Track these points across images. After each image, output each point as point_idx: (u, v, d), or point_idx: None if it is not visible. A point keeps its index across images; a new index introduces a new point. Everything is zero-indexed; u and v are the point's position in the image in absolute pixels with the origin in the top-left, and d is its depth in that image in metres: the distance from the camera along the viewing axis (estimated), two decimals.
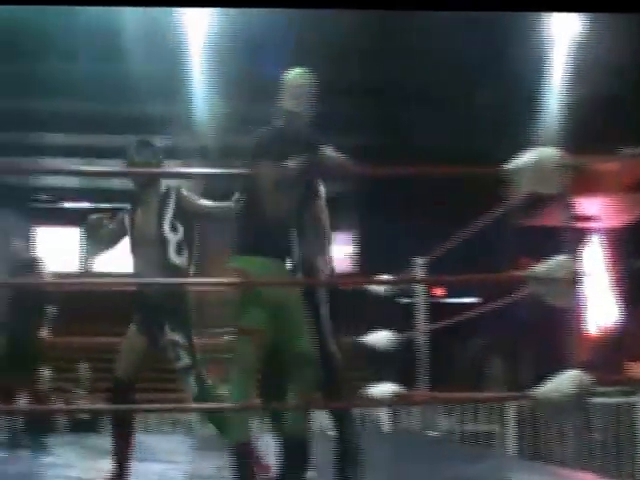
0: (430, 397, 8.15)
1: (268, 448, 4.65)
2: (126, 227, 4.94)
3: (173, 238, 4.85)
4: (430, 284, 10.25)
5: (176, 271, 4.81)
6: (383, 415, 9.48)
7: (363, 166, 4.71)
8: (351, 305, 14.78)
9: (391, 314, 9.97)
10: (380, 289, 7.51)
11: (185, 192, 4.96)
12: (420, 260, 7.99)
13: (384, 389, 7.74)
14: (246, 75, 13.82)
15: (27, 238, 17.25)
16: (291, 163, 4.20)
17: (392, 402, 7.77)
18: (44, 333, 6.55)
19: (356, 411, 4.96)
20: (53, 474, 5.26)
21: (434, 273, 7.95)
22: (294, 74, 4.58)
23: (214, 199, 4.95)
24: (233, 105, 15.21)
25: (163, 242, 4.83)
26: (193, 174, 9.80)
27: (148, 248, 4.84)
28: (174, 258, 4.83)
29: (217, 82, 13.86)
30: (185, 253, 4.89)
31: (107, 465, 4.73)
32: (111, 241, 5.02)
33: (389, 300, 7.88)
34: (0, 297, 5.05)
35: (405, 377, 8.79)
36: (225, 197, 4.75)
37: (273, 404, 4.53)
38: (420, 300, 8.30)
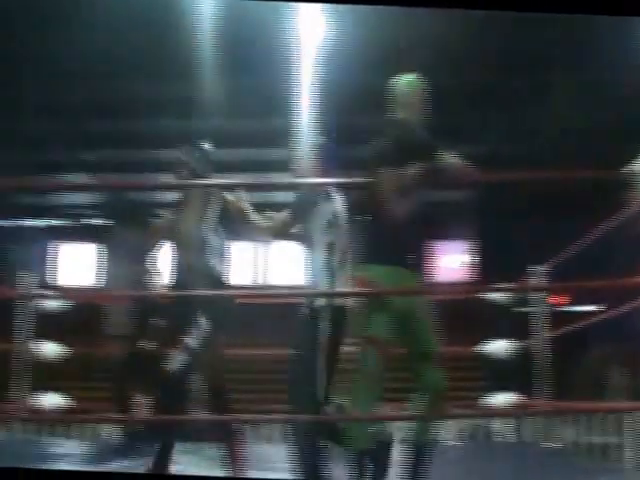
0: (549, 407, 7.99)
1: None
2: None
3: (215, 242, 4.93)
4: (549, 292, 10.06)
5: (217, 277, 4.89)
6: (501, 426, 9.34)
7: (482, 172, 4.65)
8: (470, 314, 14.72)
9: (510, 323, 9.83)
10: (499, 298, 7.42)
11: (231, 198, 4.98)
12: (539, 268, 7.86)
13: (502, 399, 7.65)
14: (360, 83, 13.86)
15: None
16: (412, 171, 4.19)
17: (510, 412, 7.66)
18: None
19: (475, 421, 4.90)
20: None
21: (553, 280, 7.82)
22: (406, 82, 4.55)
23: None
24: (347, 114, 15.28)
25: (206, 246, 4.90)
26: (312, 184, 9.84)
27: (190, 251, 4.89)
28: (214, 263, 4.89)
29: (331, 92, 13.91)
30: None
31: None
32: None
33: (508, 309, 7.77)
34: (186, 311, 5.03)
35: (524, 386, 8.66)
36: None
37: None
38: (539, 308, 8.16)
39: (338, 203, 4.88)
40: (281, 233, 5.00)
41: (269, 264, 20.70)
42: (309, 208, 4.83)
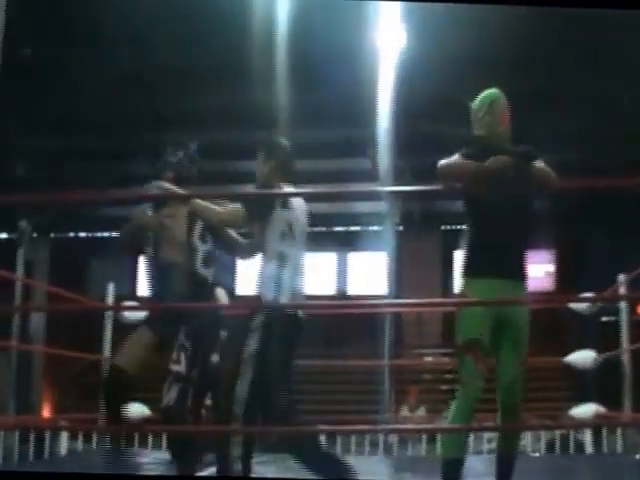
0: (634, 418, 7.83)
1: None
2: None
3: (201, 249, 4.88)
4: (635, 302, 9.85)
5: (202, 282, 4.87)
6: (586, 436, 9.17)
7: (569, 179, 4.58)
8: (554, 324, 14.48)
9: (595, 333, 9.67)
10: (583, 307, 7.30)
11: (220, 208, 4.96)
12: (624, 277, 7.71)
13: (587, 410, 7.52)
14: (441, 94, 13.82)
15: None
16: (508, 181, 4.18)
17: (595, 423, 7.54)
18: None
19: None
20: None
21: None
22: (489, 97, 4.52)
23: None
24: (427, 125, 15.25)
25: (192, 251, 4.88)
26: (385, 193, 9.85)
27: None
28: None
29: (411, 102, 13.88)
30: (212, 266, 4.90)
31: None
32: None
33: (593, 319, 7.64)
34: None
35: (609, 398, 8.49)
36: None
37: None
38: (625, 318, 7.99)
39: (297, 213, 4.93)
40: (230, 224, 5.05)
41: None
42: (265, 213, 4.83)
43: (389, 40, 12.80)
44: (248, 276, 5.07)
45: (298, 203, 5.01)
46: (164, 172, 5.18)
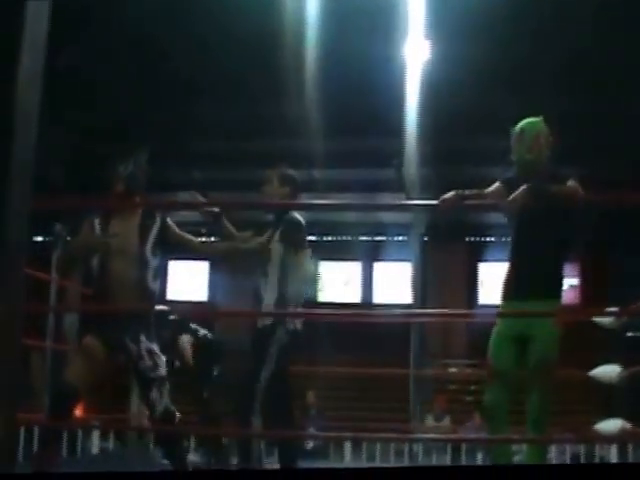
0: None
1: None
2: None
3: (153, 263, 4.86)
4: None
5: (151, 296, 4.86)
6: (611, 452, 9.20)
7: (595, 194, 4.66)
8: (580, 338, 14.47)
9: (620, 348, 9.70)
10: (609, 322, 7.33)
11: (170, 222, 5.02)
12: None
13: (612, 425, 7.54)
14: (469, 106, 13.89)
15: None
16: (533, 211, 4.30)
17: (620, 438, 7.56)
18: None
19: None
20: None
21: None
22: (522, 125, 4.63)
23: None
24: (454, 137, 15.31)
25: (144, 265, 4.84)
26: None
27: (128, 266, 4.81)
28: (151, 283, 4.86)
29: (438, 113, 13.95)
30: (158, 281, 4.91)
31: None
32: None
33: (618, 334, 7.68)
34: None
35: (634, 413, 8.51)
36: None
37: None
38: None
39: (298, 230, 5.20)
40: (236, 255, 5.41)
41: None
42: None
43: (416, 51, 12.89)
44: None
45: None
46: (116, 183, 5.06)
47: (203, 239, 4.97)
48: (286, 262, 5.20)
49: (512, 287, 4.53)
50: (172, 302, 15.80)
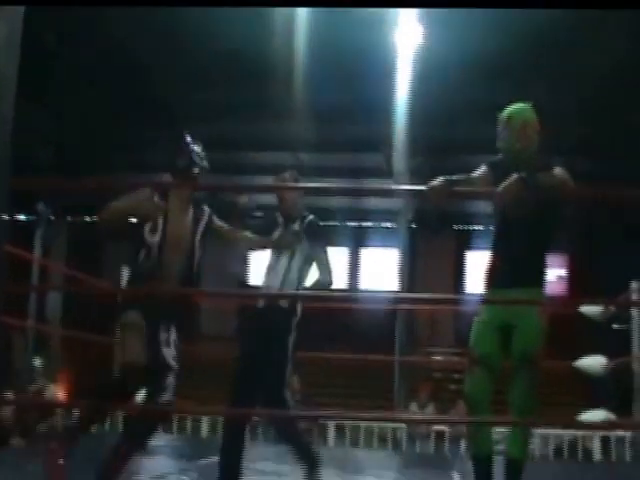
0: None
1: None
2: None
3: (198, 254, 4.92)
4: None
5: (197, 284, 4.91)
6: (595, 444, 9.20)
7: (583, 187, 4.62)
8: (566, 329, 14.45)
9: (606, 340, 9.69)
10: (595, 313, 7.32)
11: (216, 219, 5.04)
12: (637, 284, 7.74)
13: (596, 416, 7.55)
14: (458, 94, 13.87)
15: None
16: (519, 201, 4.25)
17: (603, 428, 7.57)
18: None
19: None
20: None
21: None
22: (510, 111, 4.54)
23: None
24: (443, 124, 15.29)
25: (192, 255, 4.88)
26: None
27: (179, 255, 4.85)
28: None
29: (427, 101, 13.92)
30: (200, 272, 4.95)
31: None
32: None
33: (604, 325, 7.67)
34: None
35: (618, 404, 8.52)
36: None
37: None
38: (636, 326, 8.01)
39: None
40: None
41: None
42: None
43: (407, 39, 12.86)
44: None
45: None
46: (174, 175, 5.00)
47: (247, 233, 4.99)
48: (309, 260, 5.34)
49: (496, 275, 4.46)
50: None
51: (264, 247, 5.42)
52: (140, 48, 13.09)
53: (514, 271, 4.38)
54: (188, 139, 5.02)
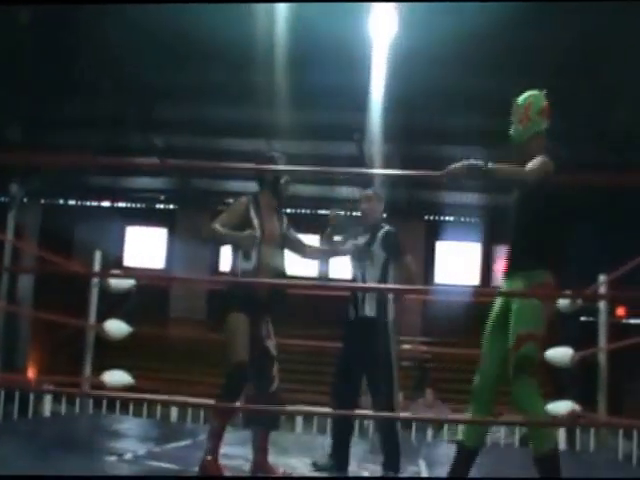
0: (606, 420, 7.95)
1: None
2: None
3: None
4: (614, 301, 10.00)
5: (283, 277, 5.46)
6: (560, 434, 9.31)
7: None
8: None
9: (574, 332, 9.82)
10: (563, 305, 7.42)
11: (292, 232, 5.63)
12: (604, 277, 7.84)
13: (562, 406, 7.66)
14: (434, 83, 13.93)
15: None
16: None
17: (569, 421, 7.67)
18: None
19: None
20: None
21: (620, 290, 7.77)
22: (525, 97, 4.65)
23: None
24: (417, 113, 15.34)
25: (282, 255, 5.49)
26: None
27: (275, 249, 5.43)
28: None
29: (402, 89, 13.96)
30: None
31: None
32: None
33: (572, 317, 7.77)
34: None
35: (584, 396, 8.63)
36: None
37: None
38: (603, 319, 8.12)
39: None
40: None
41: None
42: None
43: (382, 27, 12.89)
44: None
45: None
46: (263, 193, 5.53)
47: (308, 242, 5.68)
48: (387, 267, 5.95)
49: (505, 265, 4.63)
50: None
51: (336, 255, 6.07)
52: (113, 30, 13.05)
53: (509, 257, 4.51)
54: (275, 153, 5.63)
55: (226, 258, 5.47)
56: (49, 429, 7.47)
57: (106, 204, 21.58)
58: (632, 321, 16.64)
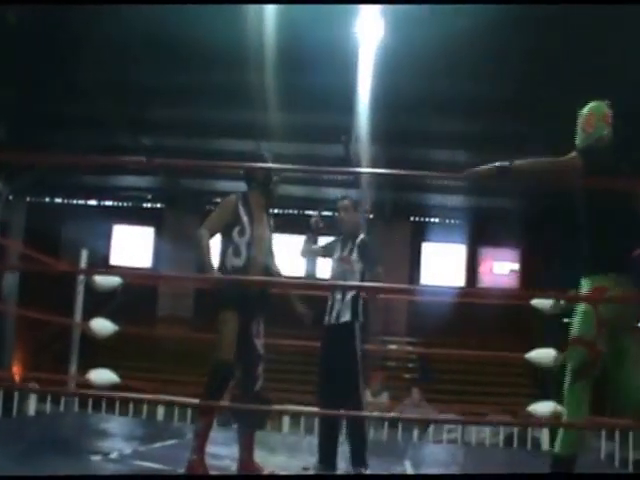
0: (588, 421, 7.99)
1: None
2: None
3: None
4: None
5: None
6: (543, 433, 9.38)
7: None
8: (518, 321, 14.64)
9: (557, 333, 9.84)
10: (546, 306, 7.46)
11: None
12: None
13: (545, 407, 7.70)
14: (419, 86, 13.96)
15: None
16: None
17: (552, 422, 7.70)
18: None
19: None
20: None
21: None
22: (588, 106, 4.80)
23: None
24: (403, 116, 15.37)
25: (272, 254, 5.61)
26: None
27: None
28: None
29: (389, 92, 13.99)
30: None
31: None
32: None
33: (555, 319, 7.79)
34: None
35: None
36: None
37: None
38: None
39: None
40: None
41: None
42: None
43: (369, 29, 12.91)
44: None
45: None
46: (252, 192, 5.58)
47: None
48: (364, 275, 6.16)
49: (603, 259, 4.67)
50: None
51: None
52: (102, 29, 13.02)
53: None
54: (265, 153, 5.73)
55: (215, 255, 5.44)
56: (34, 428, 7.47)
57: (93, 202, 21.57)
58: None
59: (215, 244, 5.38)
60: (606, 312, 4.47)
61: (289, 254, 7.29)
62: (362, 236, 6.29)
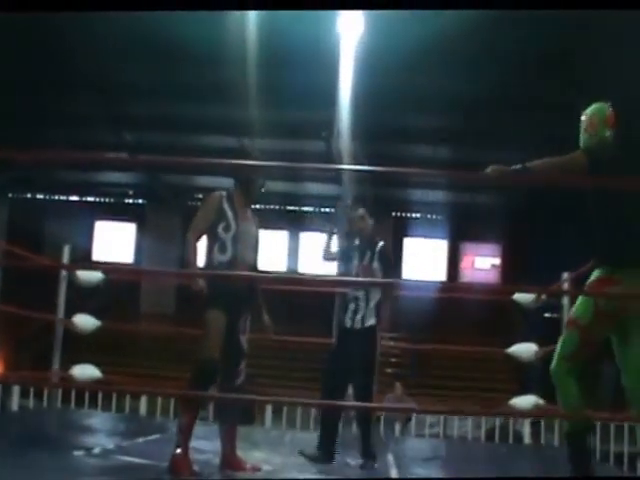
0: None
1: None
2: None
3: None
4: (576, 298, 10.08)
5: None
6: (525, 428, 9.44)
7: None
8: (499, 316, 14.69)
9: (538, 328, 9.91)
10: (527, 301, 7.52)
11: None
12: (568, 274, 7.95)
13: (526, 401, 7.76)
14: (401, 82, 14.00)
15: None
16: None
17: (533, 414, 7.76)
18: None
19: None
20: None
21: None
22: (590, 108, 4.86)
23: None
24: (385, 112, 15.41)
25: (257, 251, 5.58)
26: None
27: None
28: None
29: (370, 88, 14.02)
30: None
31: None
32: None
33: (536, 314, 7.86)
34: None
35: (548, 391, 8.73)
36: None
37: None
38: (566, 315, 8.21)
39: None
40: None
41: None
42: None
43: (350, 27, 12.95)
44: None
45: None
46: (236, 188, 5.57)
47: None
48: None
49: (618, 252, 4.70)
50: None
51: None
52: (85, 28, 12.99)
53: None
54: (252, 149, 5.68)
55: (201, 250, 5.45)
56: (16, 424, 7.47)
57: (75, 198, 21.52)
58: None
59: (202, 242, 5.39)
60: (606, 304, 4.53)
61: (271, 249, 7.34)
62: (381, 243, 6.54)
